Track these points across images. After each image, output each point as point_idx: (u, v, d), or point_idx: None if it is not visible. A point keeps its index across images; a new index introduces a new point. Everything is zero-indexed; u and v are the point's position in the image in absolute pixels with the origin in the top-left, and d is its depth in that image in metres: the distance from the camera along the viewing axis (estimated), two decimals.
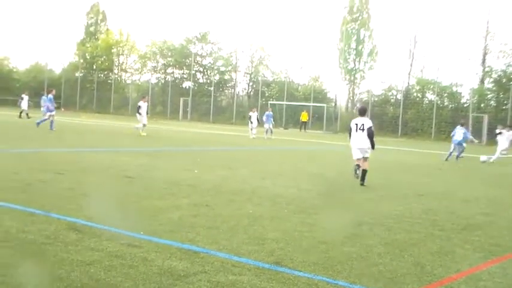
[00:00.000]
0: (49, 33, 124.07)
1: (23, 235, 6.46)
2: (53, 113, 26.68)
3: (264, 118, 34.38)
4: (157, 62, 71.14)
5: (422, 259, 6.74)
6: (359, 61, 59.20)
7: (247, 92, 67.70)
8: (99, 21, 79.04)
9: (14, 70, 75.18)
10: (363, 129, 13.30)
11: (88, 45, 74.25)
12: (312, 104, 54.44)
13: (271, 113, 35.03)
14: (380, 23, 72.85)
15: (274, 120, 37.94)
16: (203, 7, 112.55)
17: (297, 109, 54.43)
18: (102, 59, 73.14)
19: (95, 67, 73.09)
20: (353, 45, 59.24)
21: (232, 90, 66.86)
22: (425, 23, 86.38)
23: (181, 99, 62.34)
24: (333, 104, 58.82)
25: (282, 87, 59.51)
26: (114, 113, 62.14)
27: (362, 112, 14.25)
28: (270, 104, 48.34)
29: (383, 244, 7.35)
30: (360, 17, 59.32)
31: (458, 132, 23.90)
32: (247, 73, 67.90)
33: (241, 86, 68.25)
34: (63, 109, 58.42)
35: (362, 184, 13.12)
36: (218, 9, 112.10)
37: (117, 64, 74.25)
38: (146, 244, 6.45)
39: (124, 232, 6.89)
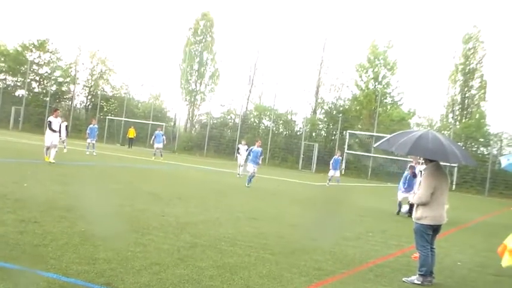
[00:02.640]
0: None
1: None
2: None
3: None
4: None
5: (251, 282, 6.98)
6: (200, 83, 60.08)
7: (86, 106, 65.79)
8: None
9: None
10: None
11: None
12: (151, 122, 54.15)
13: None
14: (223, 47, 74.42)
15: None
16: (42, 12, 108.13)
17: (136, 126, 53.79)
18: None
19: None
20: (195, 66, 60.04)
21: (70, 102, 64.60)
22: (266, 51, 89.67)
23: (13, 108, 59.10)
24: (172, 124, 58.94)
25: (121, 103, 58.59)
26: None
27: None
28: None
29: (215, 267, 7.51)
30: (204, 40, 60.33)
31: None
32: (87, 86, 66.03)
33: (79, 99, 66.21)
34: None
35: None
36: (60, 16, 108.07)
37: None
38: None
39: None
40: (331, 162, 29.60)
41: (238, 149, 26.70)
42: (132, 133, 51.27)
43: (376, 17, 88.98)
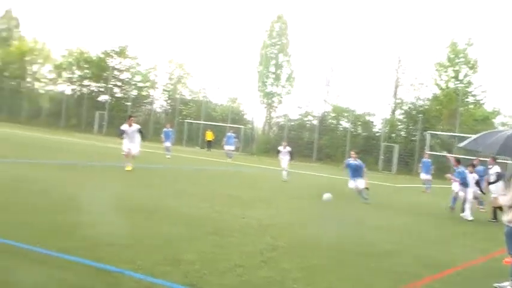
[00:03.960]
0: None
1: None
2: None
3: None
4: (73, 73, 69.47)
5: (335, 285, 6.90)
6: (277, 85, 60.17)
7: (165, 109, 67.19)
8: (12, 27, 76.63)
9: None
10: None
11: (0, 52, 71.68)
12: (229, 124, 54.63)
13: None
14: (299, 49, 74.40)
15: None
16: (123, 20, 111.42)
17: (215, 129, 54.40)
18: (15, 66, 70.73)
19: (6, 74, 70.56)
20: (272, 69, 60.18)
21: (150, 106, 66.13)
22: (342, 52, 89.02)
23: (97, 113, 61.06)
24: (250, 126, 59.29)
25: (199, 107, 59.49)
26: (25, 123, 60.03)
27: None
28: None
29: (298, 269, 7.45)
30: (279, 42, 60.39)
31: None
32: (166, 90, 67.47)
33: (159, 103, 67.69)
34: None
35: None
36: (139, 23, 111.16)
37: (30, 73, 72.00)
38: (59, 262, 6.26)
39: (33, 248, 6.65)
40: (420, 165, 28.36)
41: (279, 151, 24.42)
42: (210, 136, 51.91)
43: (455, 15, 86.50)
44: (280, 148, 23.68)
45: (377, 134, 52.68)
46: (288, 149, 23.40)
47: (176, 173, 22.57)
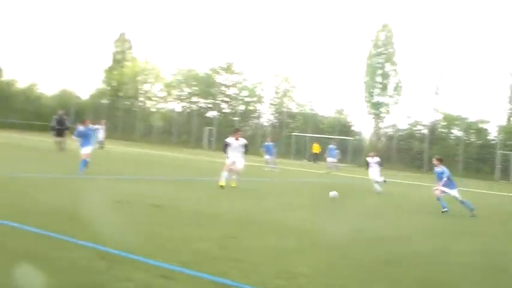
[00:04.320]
0: (77, 60, 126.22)
1: (55, 262, 6.44)
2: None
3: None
4: (182, 90, 71.70)
5: None
6: (384, 95, 59.15)
7: (272, 123, 67.82)
8: (125, 50, 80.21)
9: (42, 96, 76.21)
10: None
11: (115, 73, 75.19)
12: (337, 136, 54.26)
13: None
14: (405, 57, 72.89)
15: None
16: (229, 37, 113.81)
17: (322, 141, 54.25)
18: (128, 86, 73.96)
19: (121, 94, 73.91)
20: (378, 79, 59.27)
21: (257, 120, 67.01)
22: (451, 58, 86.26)
23: (206, 129, 62.58)
24: (358, 138, 58.65)
25: (306, 119, 59.54)
26: (139, 141, 62.49)
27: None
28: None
29: (416, 282, 7.24)
30: (385, 51, 59.39)
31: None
32: (272, 104, 68.14)
33: (266, 117, 68.45)
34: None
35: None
36: (244, 39, 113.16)
37: (142, 92, 75.01)
38: (177, 275, 6.39)
39: (154, 262, 6.83)
40: None
41: (367, 163, 23.80)
42: (316, 148, 51.73)
43: None
44: (369, 159, 22.93)
45: (492, 142, 50.51)
46: (377, 159, 22.71)
47: (282, 186, 22.63)
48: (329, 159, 35.65)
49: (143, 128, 68.08)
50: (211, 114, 68.18)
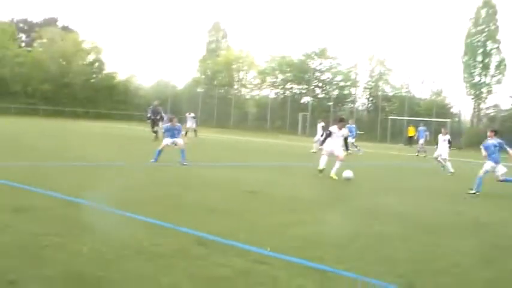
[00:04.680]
0: (173, 51, 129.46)
1: (154, 248, 6.55)
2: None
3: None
4: (276, 77, 71.90)
5: None
6: (485, 75, 56.63)
7: (367, 107, 66.83)
8: (220, 39, 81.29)
9: (140, 87, 78.70)
10: None
11: (209, 62, 76.42)
12: (434, 119, 52.67)
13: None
14: (509, 34, 69.47)
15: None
16: (322, 22, 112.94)
17: (419, 124, 52.83)
18: (223, 74, 75.01)
19: (215, 83, 75.09)
20: (479, 58, 56.82)
21: (352, 105, 66.22)
22: None
23: (300, 115, 62.47)
24: (457, 120, 56.68)
25: (402, 102, 58.19)
26: (234, 128, 63.30)
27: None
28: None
29: None
30: (487, 29, 56.77)
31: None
32: (367, 88, 67.10)
33: (361, 101, 67.54)
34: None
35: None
36: (337, 23, 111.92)
37: (236, 80, 75.87)
38: (273, 261, 6.34)
39: (251, 248, 6.82)
40: None
41: (438, 141, 21.55)
42: (411, 131, 50.34)
43: None
44: (440, 136, 21.67)
45: None
46: (448, 137, 21.48)
47: (378, 170, 22.19)
48: (420, 141, 34.60)
49: (238, 115, 68.87)
50: (305, 100, 68.02)
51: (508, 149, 14.74)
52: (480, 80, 56.82)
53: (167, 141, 17.89)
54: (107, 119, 63.46)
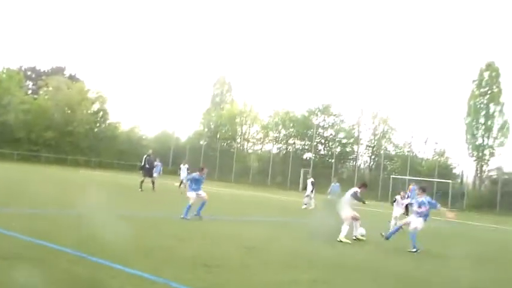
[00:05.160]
0: (177, 103, 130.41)
1: None
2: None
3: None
4: (279, 132, 72.10)
5: None
6: (488, 137, 56.53)
7: (369, 165, 66.70)
8: (224, 92, 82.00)
9: (143, 137, 78.86)
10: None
11: (213, 115, 76.82)
12: (436, 179, 52.45)
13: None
14: None
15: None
16: (326, 79, 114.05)
17: (420, 185, 52.58)
18: (226, 128, 75.29)
19: (218, 136, 75.30)
20: (481, 120, 56.87)
21: (354, 162, 66.10)
22: None
23: (302, 170, 62.24)
24: (459, 181, 56.41)
25: (404, 162, 58.04)
26: (235, 182, 63.04)
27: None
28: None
29: None
30: (490, 91, 56.96)
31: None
32: (369, 146, 67.10)
33: (363, 159, 67.45)
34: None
35: None
36: (341, 80, 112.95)
37: (239, 134, 76.07)
38: None
39: None
40: None
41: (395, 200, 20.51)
42: None
43: None
44: (398, 197, 20.55)
45: None
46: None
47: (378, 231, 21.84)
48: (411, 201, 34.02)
49: (240, 169, 68.69)
50: (307, 155, 68.00)
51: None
52: (483, 142, 56.70)
53: (193, 194, 17.01)
54: (108, 168, 63.34)
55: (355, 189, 16.45)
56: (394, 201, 20.20)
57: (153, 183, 29.09)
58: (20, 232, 10.42)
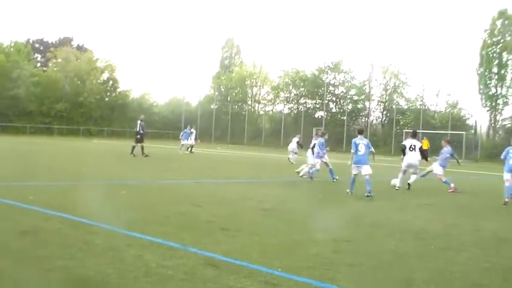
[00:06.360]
0: (186, 68, 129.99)
1: (162, 270, 6.32)
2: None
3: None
4: (290, 92, 71.82)
5: None
6: (501, 86, 56.01)
7: (381, 121, 66.44)
8: (233, 55, 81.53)
9: (154, 104, 78.88)
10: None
11: (223, 78, 76.53)
12: (449, 131, 52.10)
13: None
14: None
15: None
16: (336, 35, 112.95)
17: (435, 137, 52.27)
18: (236, 91, 75.09)
19: (229, 99, 75.14)
20: (494, 69, 56.25)
21: (366, 119, 65.84)
22: None
23: (314, 129, 62.10)
24: (473, 132, 56.08)
25: (417, 115, 57.71)
26: (248, 144, 63.12)
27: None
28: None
29: None
30: (502, 40, 56.20)
31: None
32: (381, 101, 66.71)
33: (375, 115, 67.16)
34: (199, 140, 60.21)
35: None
36: (351, 37, 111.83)
37: (250, 96, 75.85)
38: (284, 282, 6.09)
39: (262, 268, 6.57)
40: None
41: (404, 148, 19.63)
42: (425, 144, 49.61)
43: None
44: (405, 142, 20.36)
45: None
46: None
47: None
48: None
49: (252, 131, 68.71)
50: (319, 114, 67.81)
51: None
52: (496, 92, 56.21)
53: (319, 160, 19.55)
54: (121, 136, 63.54)
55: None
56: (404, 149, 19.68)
57: (143, 148, 29.12)
58: (38, 205, 10.49)
